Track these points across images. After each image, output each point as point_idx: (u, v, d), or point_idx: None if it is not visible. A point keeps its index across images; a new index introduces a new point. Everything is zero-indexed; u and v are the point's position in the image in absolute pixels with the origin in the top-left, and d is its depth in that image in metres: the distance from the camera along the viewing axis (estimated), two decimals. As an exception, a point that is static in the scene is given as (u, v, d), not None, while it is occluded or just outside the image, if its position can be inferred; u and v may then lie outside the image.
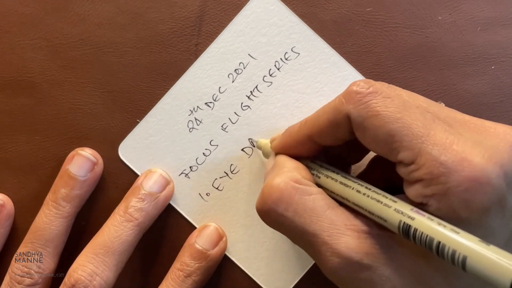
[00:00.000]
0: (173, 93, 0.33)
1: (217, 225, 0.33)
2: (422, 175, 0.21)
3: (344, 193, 0.24)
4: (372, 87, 0.24)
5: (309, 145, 0.27)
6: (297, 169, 0.26)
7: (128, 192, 0.32)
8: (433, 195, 0.21)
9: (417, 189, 0.22)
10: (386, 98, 0.23)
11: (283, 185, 0.24)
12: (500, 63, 0.33)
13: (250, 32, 0.33)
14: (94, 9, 0.33)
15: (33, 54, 0.33)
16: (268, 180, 0.25)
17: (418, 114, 0.23)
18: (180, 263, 0.31)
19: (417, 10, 0.33)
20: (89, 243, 0.30)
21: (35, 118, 0.33)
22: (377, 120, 0.23)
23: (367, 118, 0.23)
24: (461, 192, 0.21)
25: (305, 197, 0.24)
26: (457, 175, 0.21)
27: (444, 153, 0.21)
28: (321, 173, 0.26)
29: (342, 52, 0.33)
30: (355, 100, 0.24)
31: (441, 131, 0.22)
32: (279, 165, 0.27)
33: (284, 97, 0.33)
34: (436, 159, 0.21)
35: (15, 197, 0.33)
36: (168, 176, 0.33)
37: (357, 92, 0.24)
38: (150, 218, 0.31)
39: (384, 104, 0.23)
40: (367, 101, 0.23)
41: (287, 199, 0.24)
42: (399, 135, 0.22)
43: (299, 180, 0.25)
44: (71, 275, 0.29)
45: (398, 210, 0.22)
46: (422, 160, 0.21)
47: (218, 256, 0.32)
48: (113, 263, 0.30)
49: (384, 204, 0.22)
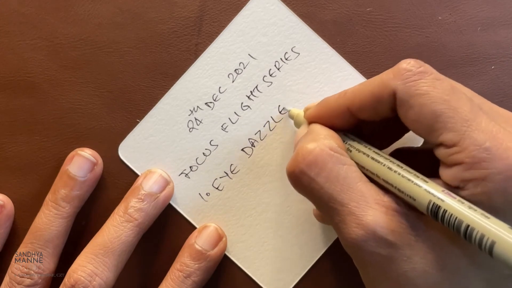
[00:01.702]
0: (173, 93, 0.33)
1: (217, 226, 0.33)
2: (464, 158, 0.21)
3: (375, 169, 0.24)
4: (423, 67, 0.24)
5: (346, 117, 0.26)
6: (332, 137, 0.26)
7: (127, 192, 0.32)
8: (472, 179, 0.21)
9: (455, 172, 0.22)
10: (435, 79, 0.23)
11: (318, 150, 0.24)
12: (500, 63, 0.33)
13: (250, 32, 0.33)
14: (94, 9, 0.33)
15: (33, 54, 0.33)
16: (303, 143, 0.25)
17: (465, 100, 0.23)
18: (179, 263, 0.31)
19: (417, 10, 0.33)
20: (88, 243, 0.30)
21: (35, 118, 0.33)
22: (424, 99, 0.23)
23: (414, 96, 0.23)
24: (501, 179, 0.21)
25: (338, 165, 0.24)
26: (500, 163, 0.21)
27: (489, 139, 0.21)
28: (353, 147, 0.26)
29: (342, 52, 0.33)
30: (404, 77, 0.23)
31: (486, 119, 0.22)
32: (314, 131, 0.26)
33: (284, 97, 0.33)
34: (481, 144, 0.21)
35: (15, 197, 0.33)
36: (168, 176, 0.33)
37: (407, 69, 0.24)
38: (150, 218, 0.31)
39: (433, 85, 0.23)
40: (416, 79, 0.23)
41: (321, 164, 0.24)
42: (445, 116, 0.22)
43: (334, 147, 0.24)
44: (71, 275, 0.29)
45: (428, 191, 0.22)
46: (466, 143, 0.21)
47: (217, 257, 0.32)
48: (113, 263, 0.30)
49: (415, 184, 0.22)
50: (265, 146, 0.33)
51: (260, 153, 0.33)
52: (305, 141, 0.25)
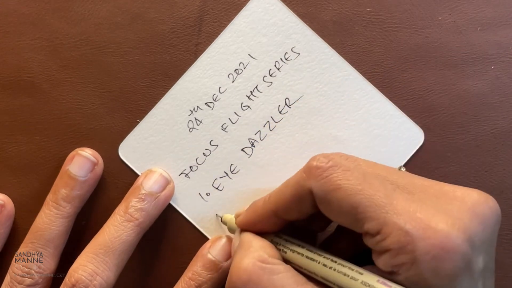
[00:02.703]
0: (173, 93, 0.33)
1: (230, 237, 0.33)
2: (389, 244, 0.22)
3: (311, 268, 0.25)
4: (331, 161, 0.24)
5: (274, 220, 0.27)
6: (263, 247, 0.26)
7: (128, 192, 0.32)
8: (402, 264, 0.22)
9: (385, 259, 0.22)
10: (346, 171, 0.24)
11: (250, 267, 0.24)
12: (500, 63, 0.33)
13: (250, 32, 0.33)
14: (94, 9, 0.33)
15: (33, 54, 0.33)
16: (235, 262, 0.25)
17: (378, 185, 0.23)
18: (192, 272, 0.31)
19: (417, 10, 0.33)
20: (89, 243, 0.30)
21: (35, 118, 0.33)
22: (339, 193, 0.23)
23: (329, 192, 0.23)
24: (429, 260, 0.21)
25: (273, 276, 0.24)
26: (423, 243, 0.21)
27: (408, 221, 0.22)
28: (287, 248, 0.26)
29: (342, 52, 0.33)
30: (316, 175, 0.24)
31: (403, 200, 0.22)
32: (245, 244, 0.27)
33: (284, 97, 0.33)
34: (402, 228, 0.21)
35: (15, 197, 0.33)
36: (168, 176, 0.33)
37: (317, 167, 0.24)
38: (151, 218, 0.31)
39: (344, 177, 0.23)
40: (327, 175, 0.24)
41: (255, 280, 0.24)
42: (363, 206, 0.23)
43: (265, 259, 0.25)
44: (72, 275, 0.29)
45: (364, 283, 0.22)
46: (388, 230, 0.22)
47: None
48: (114, 263, 0.30)
49: (351, 277, 0.23)
50: (265, 146, 0.33)
51: (260, 153, 0.33)
52: (237, 258, 0.26)
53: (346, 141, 0.33)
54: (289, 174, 0.26)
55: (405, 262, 0.21)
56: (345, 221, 0.24)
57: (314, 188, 0.24)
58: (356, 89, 0.33)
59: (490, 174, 0.33)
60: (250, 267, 0.24)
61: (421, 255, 0.21)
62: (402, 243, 0.21)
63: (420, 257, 0.21)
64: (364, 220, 0.23)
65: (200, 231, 0.33)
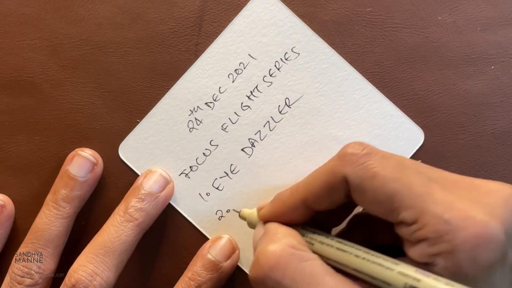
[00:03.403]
0: (173, 93, 0.33)
1: (231, 237, 0.33)
2: (427, 233, 0.21)
3: (342, 259, 0.24)
4: (366, 149, 0.24)
5: (302, 211, 0.26)
6: (291, 234, 0.25)
7: (128, 192, 0.32)
8: (440, 253, 0.21)
9: (421, 249, 0.22)
10: (383, 158, 0.23)
11: (279, 251, 0.23)
12: (500, 63, 0.33)
13: (250, 32, 0.33)
14: (94, 9, 0.33)
15: (33, 54, 0.33)
16: (262, 246, 0.24)
17: (415, 174, 0.23)
18: (191, 272, 0.31)
19: (417, 10, 0.33)
20: (89, 243, 0.30)
21: (35, 118, 0.33)
22: (376, 181, 0.23)
23: (365, 179, 0.23)
24: (468, 249, 0.21)
25: (302, 263, 0.23)
26: (463, 233, 0.21)
27: (447, 211, 0.21)
28: (314, 239, 0.25)
29: (342, 52, 0.33)
30: (351, 162, 0.23)
31: (439, 190, 0.22)
32: (271, 231, 0.26)
33: (284, 97, 0.33)
34: (441, 217, 0.21)
35: (15, 197, 0.33)
36: (168, 176, 0.33)
37: (353, 153, 0.24)
38: (150, 218, 0.31)
39: (381, 165, 0.23)
40: (363, 162, 0.23)
41: (284, 265, 0.23)
42: (400, 194, 0.22)
43: (295, 245, 0.24)
44: (72, 275, 0.29)
45: (402, 273, 0.21)
46: (426, 219, 0.21)
47: (230, 269, 0.32)
48: (113, 263, 0.30)
49: (386, 268, 0.22)
50: (265, 146, 0.33)
51: (260, 153, 0.33)
52: (264, 243, 0.25)
53: (346, 141, 0.33)
54: (289, 174, 0.26)
55: (443, 252, 0.21)
56: (380, 210, 0.23)
57: (349, 176, 0.23)
58: (356, 89, 0.33)
59: (490, 174, 0.33)
60: (278, 252, 0.23)
61: (460, 245, 0.21)
62: (441, 232, 0.21)
63: (459, 247, 0.21)
64: (400, 209, 0.22)
65: (200, 231, 0.33)
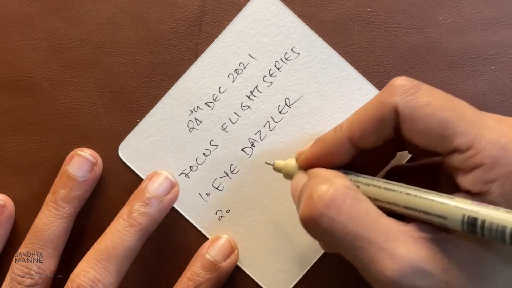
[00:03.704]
0: (173, 93, 0.33)
1: (229, 237, 0.32)
2: (483, 159, 0.21)
3: (392, 198, 0.23)
4: (415, 81, 0.24)
5: (346, 150, 0.25)
6: (341, 176, 0.25)
7: (132, 195, 0.31)
8: (496, 179, 0.21)
9: (476, 176, 0.21)
10: (432, 90, 0.23)
11: (333, 189, 0.23)
12: (500, 63, 0.33)
13: (250, 32, 0.33)
14: (94, 9, 0.33)
15: (33, 54, 0.33)
16: (313, 187, 0.24)
17: (466, 105, 0.23)
18: (190, 272, 0.31)
19: (417, 10, 0.33)
20: (91, 247, 0.30)
21: (35, 118, 0.33)
22: (428, 108, 0.23)
23: (417, 108, 0.23)
24: None
25: (357, 202, 0.23)
26: None
27: (503, 136, 0.21)
28: (360, 182, 0.25)
29: (342, 52, 0.33)
30: (402, 92, 0.23)
31: (490, 118, 0.22)
32: (320, 174, 0.25)
33: (284, 97, 0.33)
34: (497, 142, 0.21)
35: (15, 197, 0.33)
36: (174, 179, 0.32)
37: (402, 85, 0.24)
38: (154, 222, 0.31)
39: (432, 94, 0.23)
40: (414, 92, 0.23)
41: (339, 203, 0.23)
42: (453, 121, 0.22)
43: (348, 185, 0.24)
44: (73, 280, 0.29)
45: (458, 206, 0.21)
46: (482, 144, 0.21)
47: (229, 269, 0.32)
48: (115, 268, 0.29)
49: (441, 202, 0.21)
50: (265, 146, 0.33)
51: (260, 153, 0.33)
52: (315, 183, 0.24)
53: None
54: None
55: (500, 177, 0.21)
56: (430, 139, 0.23)
57: (400, 105, 0.23)
58: (356, 89, 0.33)
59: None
60: (332, 190, 0.23)
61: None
62: (498, 157, 0.21)
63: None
64: (454, 135, 0.22)
65: (200, 231, 0.33)
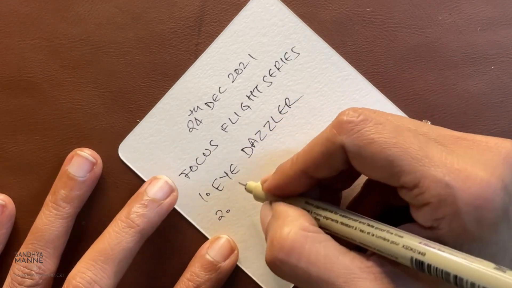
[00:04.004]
0: (173, 93, 0.33)
1: (229, 238, 0.32)
2: (429, 198, 0.21)
3: (347, 234, 0.24)
4: (362, 115, 0.23)
5: (304, 180, 0.26)
6: (301, 216, 0.25)
7: (131, 198, 0.31)
8: (444, 217, 0.21)
9: (426, 213, 0.22)
10: (378, 124, 0.23)
11: (292, 235, 0.24)
12: (500, 63, 0.33)
13: (250, 32, 0.33)
14: (94, 9, 0.33)
15: (33, 54, 0.33)
16: (274, 232, 0.24)
17: (412, 138, 0.23)
18: (190, 273, 0.31)
19: (417, 10, 0.33)
20: (89, 248, 0.30)
21: (35, 118, 0.33)
22: (373, 147, 0.23)
23: (363, 147, 0.23)
24: (471, 210, 0.21)
25: (316, 244, 0.23)
26: (465, 194, 0.21)
27: (447, 173, 0.21)
28: (319, 215, 0.26)
29: (342, 52, 0.33)
30: (347, 130, 0.23)
31: (438, 152, 0.22)
32: (281, 214, 0.26)
33: (284, 97, 0.33)
34: (441, 180, 0.21)
35: (15, 197, 0.33)
36: (173, 184, 0.32)
37: (349, 121, 0.23)
38: (152, 225, 0.31)
39: (377, 131, 0.23)
40: (360, 129, 0.23)
41: (299, 248, 0.23)
42: (398, 159, 0.22)
43: (307, 227, 0.24)
44: (70, 281, 0.29)
45: (406, 247, 0.21)
46: (426, 183, 0.21)
47: (229, 269, 0.32)
48: (113, 270, 0.29)
49: (392, 242, 0.22)
50: (265, 146, 0.33)
51: (260, 153, 0.33)
52: (276, 227, 0.25)
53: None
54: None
55: (447, 215, 0.21)
56: (380, 175, 0.23)
57: (347, 144, 0.23)
58: (356, 89, 0.33)
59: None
60: (292, 235, 0.24)
61: (463, 206, 0.21)
62: (443, 196, 0.21)
63: (462, 208, 0.21)
64: (400, 173, 0.22)
65: (200, 231, 0.33)
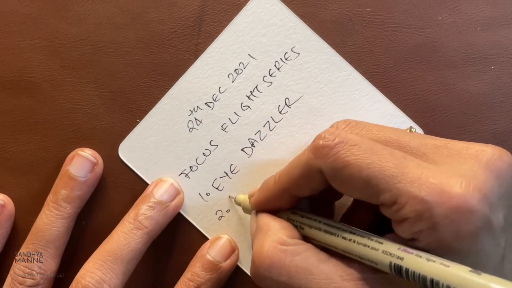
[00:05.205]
0: (173, 93, 0.33)
1: (230, 238, 0.33)
2: (406, 213, 0.22)
3: (330, 242, 0.25)
4: (337, 137, 0.24)
5: (287, 197, 0.27)
6: (281, 229, 0.26)
7: (138, 199, 0.32)
8: (421, 231, 0.22)
9: (405, 228, 0.22)
10: (353, 146, 0.23)
11: (271, 251, 0.24)
12: (500, 63, 0.33)
13: (250, 32, 0.33)
14: (94, 9, 0.33)
15: (33, 54, 0.33)
16: (256, 247, 0.25)
17: (387, 155, 0.23)
18: (191, 273, 0.31)
19: (417, 10, 0.33)
20: (97, 249, 0.30)
21: (35, 118, 0.33)
22: (350, 169, 0.23)
23: (339, 170, 0.23)
24: (448, 224, 0.21)
25: (295, 258, 0.24)
26: (440, 208, 0.21)
27: (423, 188, 0.21)
28: (304, 224, 0.26)
29: (342, 52, 0.33)
30: (323, 154, 0.24)
31: (414, 166, 0.22)
32: (263, 227, 0.26)
33: (284, 97, 0.33)
34: (416, 196, 0.21)
35: (15, 197, 0.33)
36: (179, 186, 0.32)
37: (324, 146, 0.24)
38: (159, 226, 0.31)
39: (352, 153, 0.23)
40: (335, 153, 0.23)
41: (278, 264, 0.24)
42: (375, 179, 0.22)
43: (285, 241, 0.25)
44: (79, 281, 0.29)
45: (386, 252, 0.22)
46: (403, 200, 0.22)
47: (229, 269, 0.32)
48: (121, 270, 0.30)
49: (372, 248, 0.23)
50: (265, 146, 0.33)
51: (260, 153, 0.33)
52: (257, 243, 0.25)
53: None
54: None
55: (425, 229, 0.21)
56: (359, 195, 0.24)
57: (324, 168, 0.24)
58: (356, 89, 0.33)
59: (490, 174, 0.33)
60: (271, 251, 0.24)
61: (439, 220, 0.21)
62: (419, 211, 0.21)
63: (439, 223, 0.21)
64: (378, 192, 0.22)
65: (200, 231, 0.33)
